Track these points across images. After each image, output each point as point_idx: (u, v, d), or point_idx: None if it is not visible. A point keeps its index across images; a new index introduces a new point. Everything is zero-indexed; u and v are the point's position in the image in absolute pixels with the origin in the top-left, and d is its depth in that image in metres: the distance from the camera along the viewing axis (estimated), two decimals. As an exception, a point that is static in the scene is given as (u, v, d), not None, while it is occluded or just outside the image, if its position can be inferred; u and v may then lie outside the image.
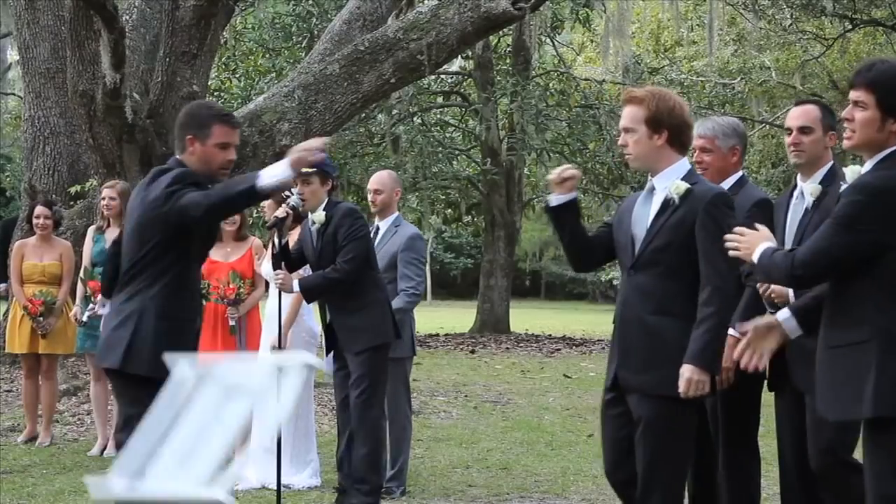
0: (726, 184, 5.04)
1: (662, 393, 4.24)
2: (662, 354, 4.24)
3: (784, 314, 4.11)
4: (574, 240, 4.64)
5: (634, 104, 4.39)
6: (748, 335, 4.06)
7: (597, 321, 29.99)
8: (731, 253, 3.96)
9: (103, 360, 4.77)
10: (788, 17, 21.81)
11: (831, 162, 4.72)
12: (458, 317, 25.29)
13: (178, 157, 4.75)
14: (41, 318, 8.45)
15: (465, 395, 12.17)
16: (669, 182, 4.35)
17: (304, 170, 5.85)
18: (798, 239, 4.56)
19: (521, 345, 19.74)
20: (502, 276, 22.35)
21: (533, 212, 27.19)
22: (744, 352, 4.07)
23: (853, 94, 3.74)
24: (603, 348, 19.62)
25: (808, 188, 4.69)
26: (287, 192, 6.31)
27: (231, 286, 7.58)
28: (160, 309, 4.58)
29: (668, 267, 4.28)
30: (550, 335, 22.20)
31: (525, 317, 26.97)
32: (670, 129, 4.34)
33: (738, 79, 22.87)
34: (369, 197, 7.06)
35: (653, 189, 4.42)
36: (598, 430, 4.69)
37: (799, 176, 4.80)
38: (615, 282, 42.20)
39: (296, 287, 6.20)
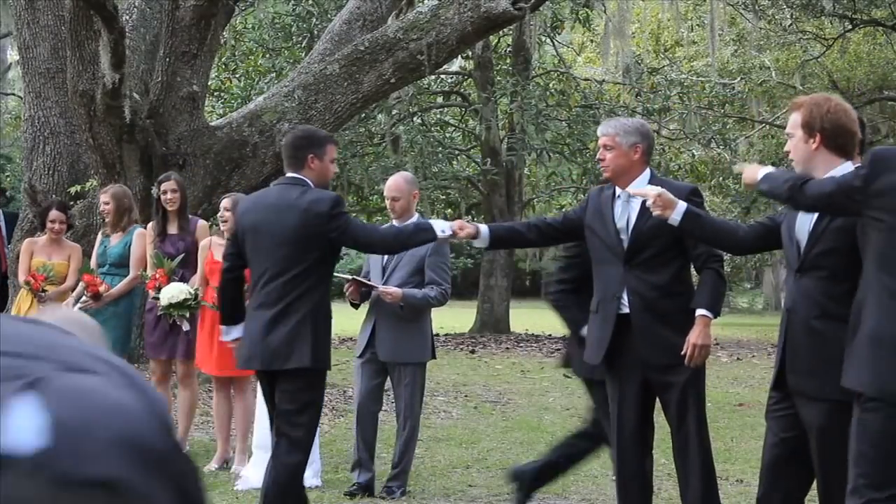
0: (639, 182, 5.20)
1: (829, 396, 4.27)
2: (828, 358, 4.27)
3: None
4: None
5: (794, 110, 4.50)
6: None
7: (597, 321, 29.93)
8: None
9: (283, 362, 5.32)
10: (788, 17, 21.81)
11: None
12: (458, 317, 25.25)
13: (295, 173, 5.52)
14: (43, 294, 8.50)
15: (465, 395, 12.17)
16: None
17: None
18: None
19: (521, 345, 19.73)
20: (502, 276, 22.35)
21: (533, 212, 27.17)
22: None
23: None
24: (603, 348, 19.60)
25: None
26: None
27: None
28: (326, 310, 5.41)
29: (832, 270, 4.34)
30: (550, 335, 22.17)
31: (525, 317, 26.93)
32: (822, 132, 4.38)
33: (738, 79, 22.86)
34: (387, 203, 7.10)
35: None
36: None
37: None
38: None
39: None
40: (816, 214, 4.42)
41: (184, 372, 8.03)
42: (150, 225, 8.29)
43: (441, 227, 5.52)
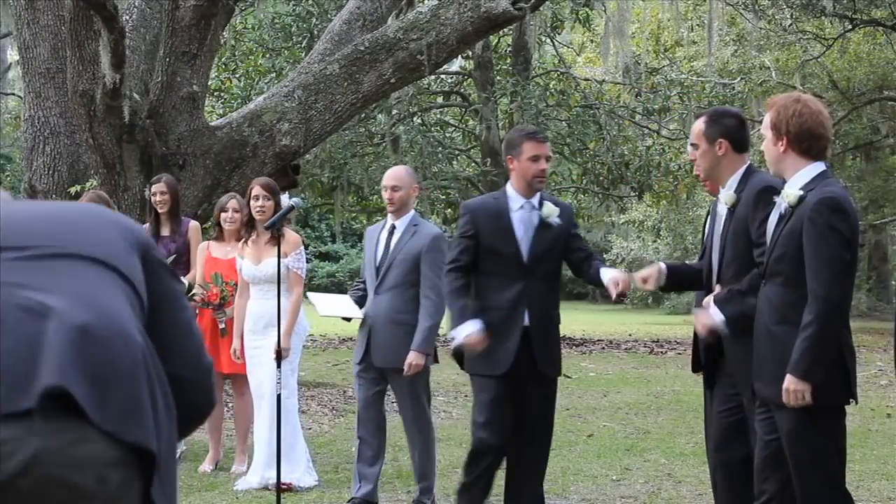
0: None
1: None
2: (787, 364, 4.24)
3: None
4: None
5: (768, 109, 4.51)
6: None
7: (597, 321, 29.96)
8: None
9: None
10: (788, 17, 21.82)
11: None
12: (458, 317, 25.20)
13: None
14: None
15: (465, 395, 12.15)
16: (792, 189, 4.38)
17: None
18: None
19: (521, 345, 19.67)
20: (502, 276, 22.31)
21: (533, 212, 27.16)
22: None
23: None
24: (603, 348, 19.60)
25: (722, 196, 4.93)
26: (286, 196, 6.41)
27: (214, 290, 7.58)
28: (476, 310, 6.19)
29: (788, 276, 4.32)
30: (550, 335, 22.11)
31: (525, 317, 26.88)
32: (788, 135, 4.38)
33: (738, 79, 22.86)
34: (385, 194, 6.66)
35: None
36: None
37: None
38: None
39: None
40: (775, 221, 4.43)
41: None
42: (143, 227, 8.31)
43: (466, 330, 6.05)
